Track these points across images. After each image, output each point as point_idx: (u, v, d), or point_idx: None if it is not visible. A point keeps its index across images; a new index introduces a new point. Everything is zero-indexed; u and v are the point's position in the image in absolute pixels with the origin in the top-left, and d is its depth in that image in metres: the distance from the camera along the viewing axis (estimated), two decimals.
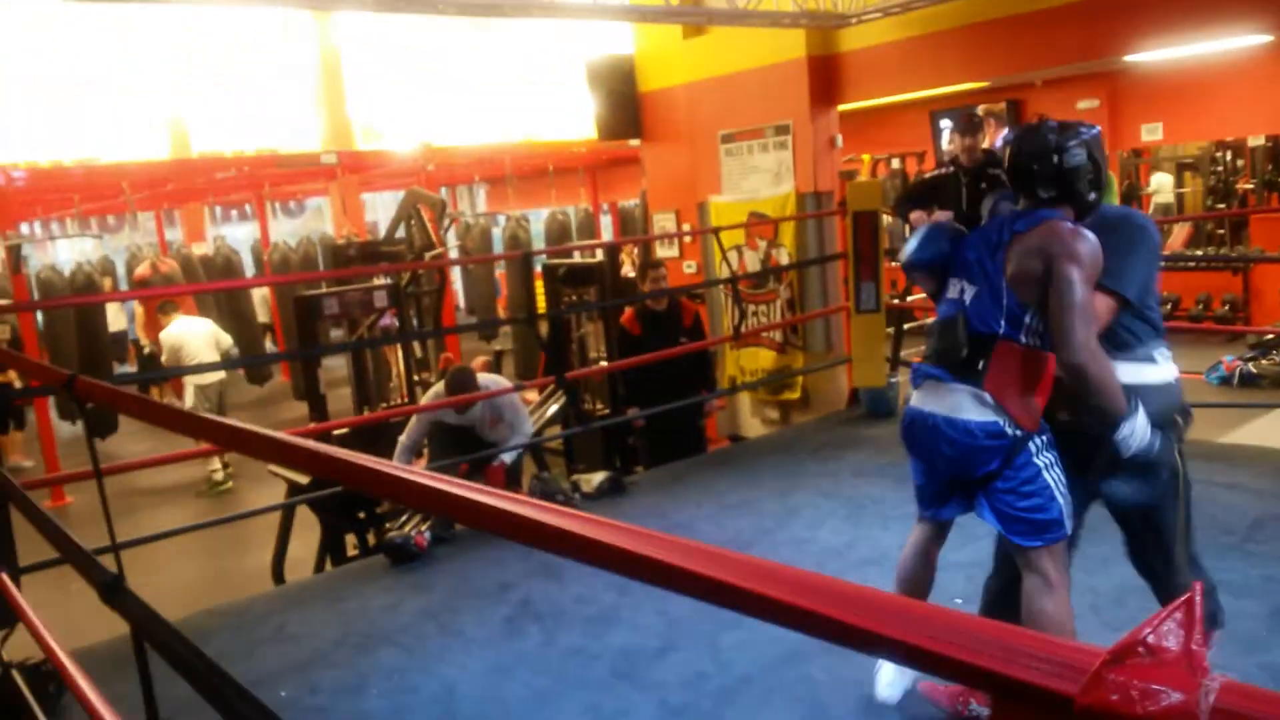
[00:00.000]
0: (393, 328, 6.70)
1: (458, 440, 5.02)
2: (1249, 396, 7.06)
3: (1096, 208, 2.44)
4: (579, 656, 3.30)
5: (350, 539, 5.49)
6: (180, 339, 8.31)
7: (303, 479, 5.13)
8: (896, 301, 6.85)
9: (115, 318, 12.59)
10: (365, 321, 6.33)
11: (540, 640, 3.46)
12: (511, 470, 5.09)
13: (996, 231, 2.47)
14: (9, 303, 9.30)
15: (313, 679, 3.32)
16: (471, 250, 12.38)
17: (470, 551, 4.35)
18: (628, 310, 6.09)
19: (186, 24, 10.12)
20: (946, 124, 9.22)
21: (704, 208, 7.75)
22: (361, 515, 5.45)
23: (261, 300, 13.78)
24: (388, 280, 6.30)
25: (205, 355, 8.28)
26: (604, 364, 6.51)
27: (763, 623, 0.77)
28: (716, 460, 5.87)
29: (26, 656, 2.99)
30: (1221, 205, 9.88)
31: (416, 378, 6.84)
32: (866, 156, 11.50)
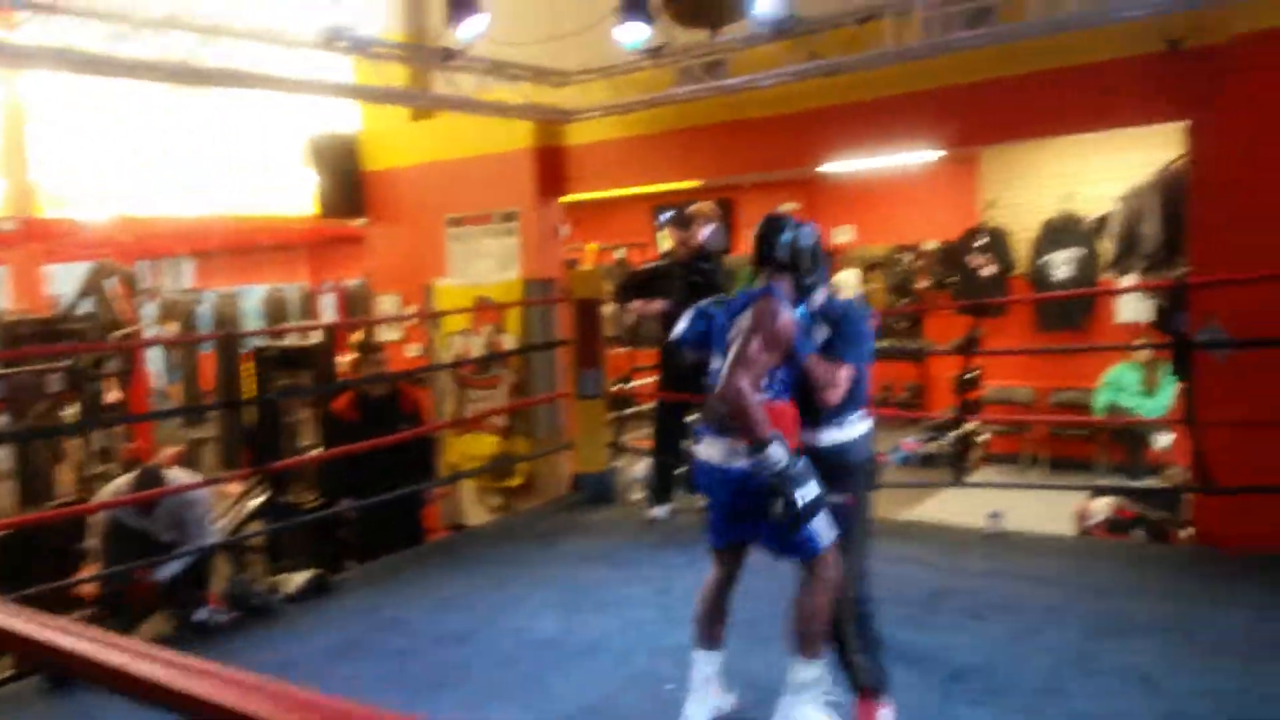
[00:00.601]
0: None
1: (139, 545, 4.49)
2: (926, 475, 7.81)
3: (816, 288, 2.95)
4: None
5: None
6: None
7: None
8: (618, 388, 7.02)
9: None
10: (34, 408, 5.60)
11: None
12: (186, 578, 4.59)
13: (739, 306, 2.96)
14: None
15: None
16: (171, 329, 11.39)
17: None
18: (343, 396, 5.79)
19: None
20: (665, 218, 9.71)
21: (429, 291, 7.62)
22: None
23: None
24: (66, 361, 5.64)
25: None
26: (315, 452, 6.13)
27: None
28: (436, 551, 5.67)
29: None
30: (906, 300, 11.05)
31: (100, 468, 6.12)
32: (592, 245, 11.83)
